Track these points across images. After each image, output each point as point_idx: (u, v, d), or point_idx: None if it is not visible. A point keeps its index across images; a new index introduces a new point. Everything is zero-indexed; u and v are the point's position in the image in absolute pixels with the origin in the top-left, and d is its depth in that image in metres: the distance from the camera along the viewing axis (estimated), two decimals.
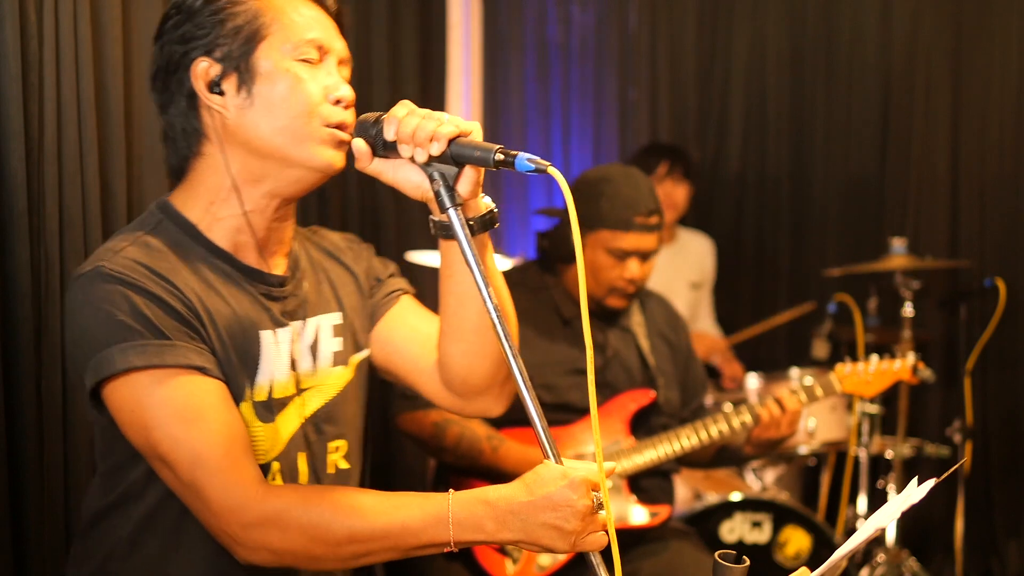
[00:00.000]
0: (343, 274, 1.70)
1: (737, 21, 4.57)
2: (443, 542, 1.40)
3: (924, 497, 1.22)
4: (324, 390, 1.62)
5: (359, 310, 1.69)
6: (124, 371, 1.39)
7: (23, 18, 1.90)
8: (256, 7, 1.48)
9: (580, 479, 1.37)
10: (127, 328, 1.39)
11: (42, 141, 1.96)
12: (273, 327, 1.54)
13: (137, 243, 1.47)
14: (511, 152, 1.33)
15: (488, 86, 4.48)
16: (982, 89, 4.29)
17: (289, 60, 1.47)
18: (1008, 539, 4.26)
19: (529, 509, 1.37)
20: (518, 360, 1.36)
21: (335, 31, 1.54)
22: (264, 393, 1.52)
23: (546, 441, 1.38)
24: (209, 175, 1.52)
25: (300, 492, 1.44)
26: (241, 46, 1.47)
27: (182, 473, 1.39)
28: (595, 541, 1.38)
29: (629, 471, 2.56)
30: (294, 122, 1.47)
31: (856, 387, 2.80)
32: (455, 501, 1.40)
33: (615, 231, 2.54)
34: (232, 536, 1.39)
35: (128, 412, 1.41)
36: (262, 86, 1.47)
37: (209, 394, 1.42)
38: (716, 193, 4.65)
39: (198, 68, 1.48)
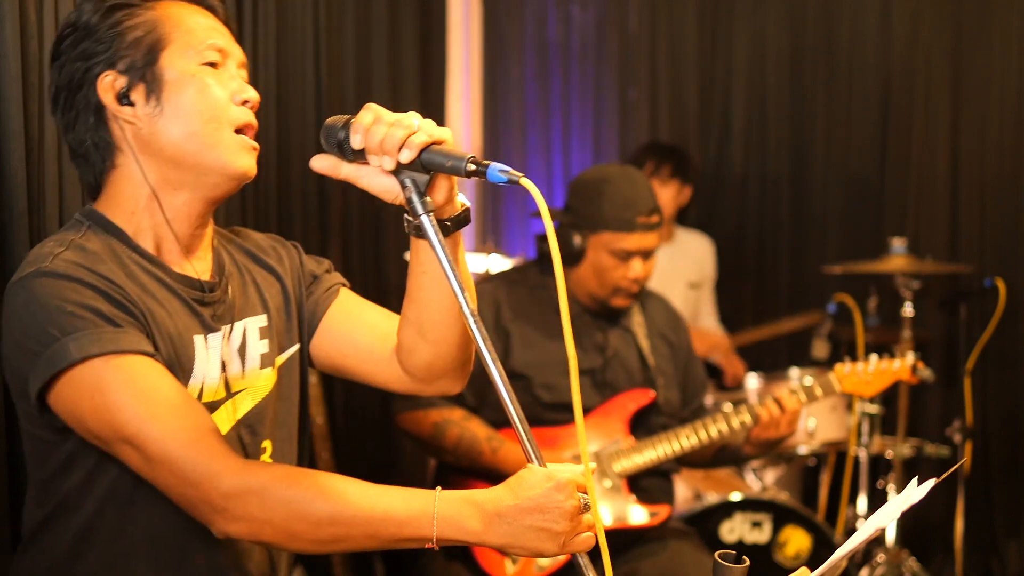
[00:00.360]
0: (267, 276, 1.69)
1: (737, 21, 4.57)
2: (425, 537, 1.38)
3: (924, 497, 1.22)
4: (254, 392, 1.61)
5: (283, 311, 1.68)
6: (80, 360, 1.36)
7: (23, 18, 1.90)
8: (153, 17, 1.49)
9: (566, 480, 1.36)
10: (79, 318, 1.37)
11: (42, 141, 1.95)
12: (204, 332, 1.54)
13: (71, 247, 1.45)
14: (483, 162, 1.33)
15: (488, 86, 4.49)
16: (982, 89, 4.29)
17: (193, 65, 1.49)
18: (1008, 539, 4.26)
19: (516, 512, 1.37)
20: (497, 364, 1.35)
21: (229, 36, 1.56)
22: (195, 396, 1.51)
23: (528, 445, 1.37)
24: (126, 185, 1.52)
25: (284, 469, 1.44)
26: (144, 56, 1.47)
27: (153, 450, 1.36)
28: (583, 542, 1.38)
29: (629, 471, 2.56)
30: (205, 126, 1.47)
31: (855, 387, 2.80)
32: (441, 499, 1.39)
33: (618, 232, 2.54)
34: (212, 504, 1.37)
35: (88, 399, 1.38)
36: (170, 93, 1.48)
37: (166, 376, 1.42)
38: (716, 193, 4.65)
39: (103, 82, 1.48)
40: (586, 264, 2.60)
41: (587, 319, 2.67)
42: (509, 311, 2.61)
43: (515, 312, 2.61)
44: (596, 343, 2.65)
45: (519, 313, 2.61)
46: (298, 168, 2.85)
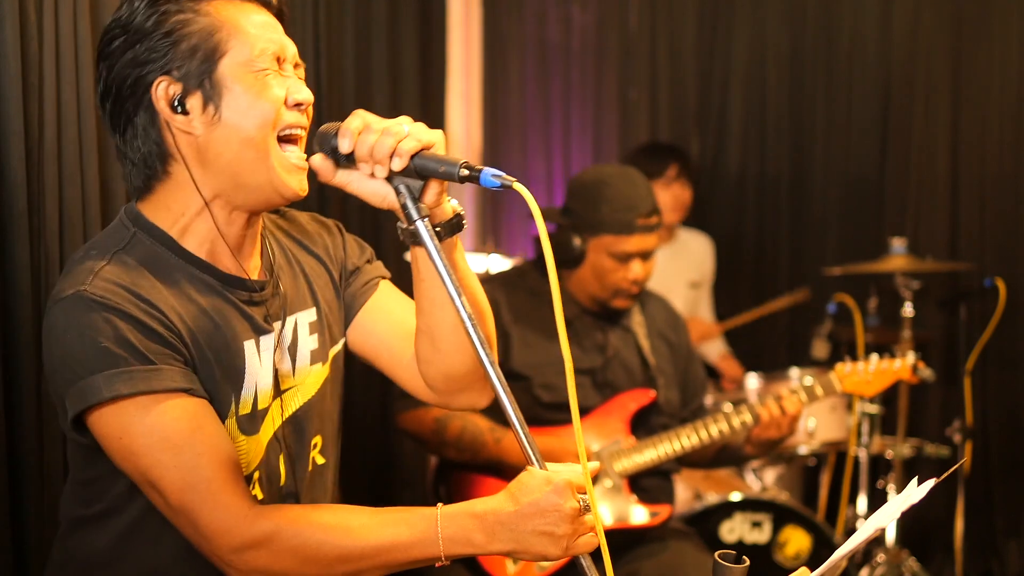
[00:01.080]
0: (316, 266, 1.68)
1: (737, 21, 4.57)
2: (434, 557, 1.40)
3: (924, 497, 1.22)
4: (304, 390, 1.61)
5: (333, 303, 1.67)
6: (111, 399, 1.37)
7: (23, 18, 1.90)
8: (208, 23, 1.45)
9: (564, 483, 1.37)
10: (112, 355, 1.37)
11: (42, 141, 1.95)
12: (255, 336, 1.53)
13: (114, 261, 1.44)
14: (476, 167, 1.32)
15: (488, 86, 4.48)
16: (982, 89, 4.29)
17: (251, 73, 1.45)
18: (1008, 539, 4.26)
19: (517, 519, 1.37)
20: (495, 368, 1.36)
21: (282, 32, 1.52)
22: (249, 405, 1.51)
23: (528, 447, 1.37)
24: (178, 193, 1.49)
25: (289, 514, 1.43)
26: (201, 64, 1.43)
27: (172, 499, 1.39)
28: (585, 543, 1.39)
29: (629, 471, 2.56)
30: (260, 131, 1.45)
31: (856, 387, 2.80)
32: (443, 516, 1.40)
33: (618, 235, 2.54)
34: (224, 559, 1.39)
35: (116, 440, 1.39)
36: (228, 100, 1.44)
37: (196, 416, 1.41)
38: (716, 193, 4.65)
39: (158, 89, 1.44)
40: (586, 266, 2.60)
41: (587, 319, 2.67)
42: (508, 312, 2.61)
43: (514, 313, 2.61)
44: (596, 343, 2.65)
45: (518, 314, 2.61)
46: None
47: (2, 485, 1.92)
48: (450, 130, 4.16)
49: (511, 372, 2.55)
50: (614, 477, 2.55)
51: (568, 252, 2.58)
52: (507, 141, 4.52)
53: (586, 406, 2.60)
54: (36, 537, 2.01)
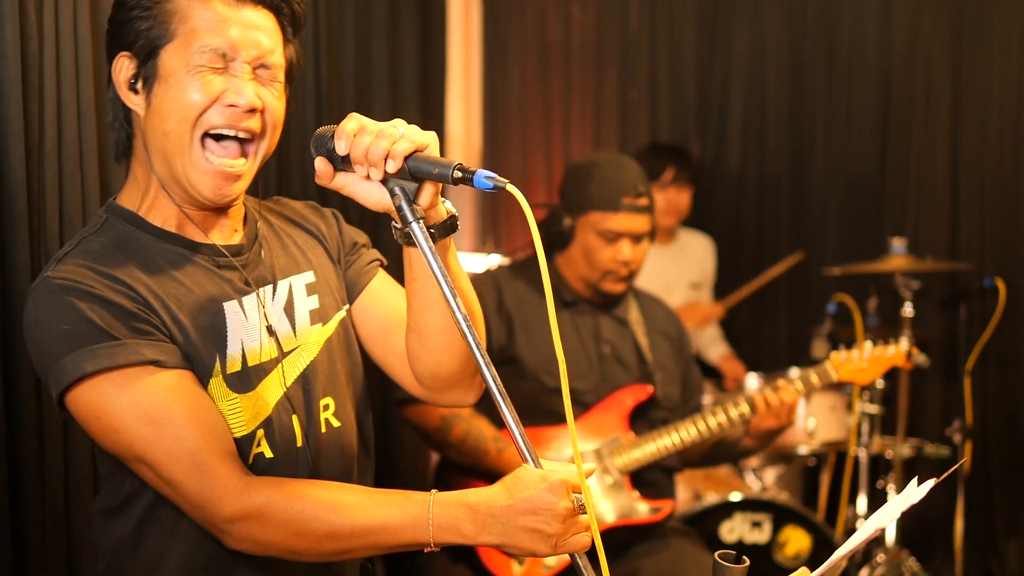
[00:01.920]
0: (308, 239, 1.70)
1: (737, 21, 4.57)
2: (423, 542, 1.41)
3: (924, 497, 1.22)
4: (307, 349, 1.61)
5: (331, 272, 1.69)
6: (79, 378, 1.39)
7: (23, 18, 1.90)
8: (170, 8, 1.46)
9: (559, 482, 1.37)
10: (74, 335, 1.39)
11: (42, 141, 1.95)
12: (237, 296, 1.54)
13: (80, 246, 1.48)
14: (470, 169, 1.33)
15: (488, 86, 4.48)
16: (982, 89, 4.29)
17: (186, 67, 1.45)
18: (1008, 539, 4.26)
19: (509, 513, 1.38)
20: (491, 368, 1.36)
21: (257, 33, 1.48)
22: (237, 363, 1.52)
23: (523, 445, 1.38)
24: (139, 170, 1.54)
25: (282, 487, 1.44)
26: (149, 45, 1.46)
27: (161, 470, 1.40)
28: (578, 543, 1.39)
29: (630, 467, 2.57)
30: (176, 127, 1.45)
31: (852, 375, 2.80)
32: (436, 503, 1.41)
33: (604, 212, 2.57)
34: (217, 527, 1.42)
35: (95, 420, 1.41)
36: (159, 88, 1.46)
37: (171, 389, 1.42)
38: (716, 193, 4.65)
39: (118, 63, 1.49)
40: (575, 246, 2.63)
41: (584, 306, 2.68)
42: (511, 298, 2.64)
43: (516, 300, 2.63)
44: (589, 329, 2.67)
45: (520, 301, 2.63)
46: (298, 168, 2.85)
47: (2, 485, 1.92)
48: (450, 130, 4.16)
49: (515, 357, 2.57)
50: (615, 473, 2.55)
51: (559, 232, 2.62)
52: (507, 141, 4.52)
53: (587, 399, 2.61)
54: (36, 537, 2.01)
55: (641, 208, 2.59)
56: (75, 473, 2.08)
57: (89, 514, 1.65)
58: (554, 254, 2.70)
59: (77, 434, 2.08)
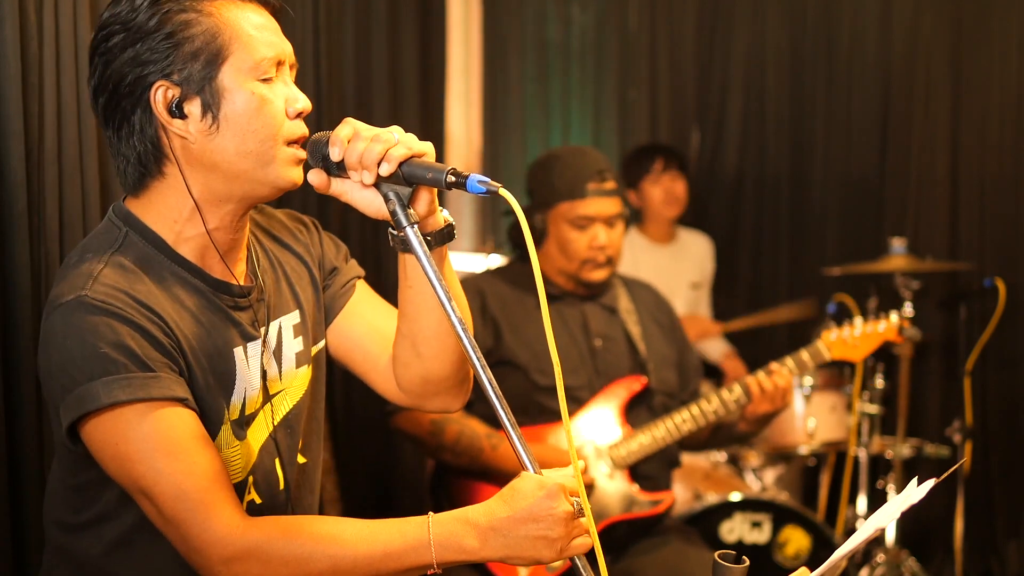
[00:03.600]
0: (297, 266, 1.67)
1: (737, 21, 4.57)
2: (426, 564, 1.40)
3: (924, 497, 1.22)
4: (292, 392, 1.61)
5: (313, 303, 1.68)
6: (109, 406, 1.36)
7: (23, 18, 1.90)
8: (211, 25, 1.41)
9: (557, 487, 1.37)
10: (111, 361, 1.36)
11: (42, 141, 1.95)
12: (243, 342, 1.53)
13: (111, 264, 1.43)
14: (463, 174, 1.33)
15: (488, 86, 4.48)
16: (982, 89, 4.29)
17: (252, 80, 1.43)
18: (1008, 539, 4.26)
19: (510, 524, 1.37)
20: (487, 372, 1.36)
21: (281, 34, 1.49)
22: (237, 411, 1.51)
23: (521, 451, 1.38)
24: (171, 195, 1.47)
25: (280, 524, 1.42)
26: (202, 69, 1.41)
27: (164, 507, 1.37)
28: (580, 545, 1.39)
29: (629, 460, 2.56)
30: (262, 145, 1.43)
31: (844, 352, 2.78)
32: (435, 523, 1.39)
33: (572, 200, 2.58)
34: (214, 571, 1.38)
35: (112, 447, 1.39)
36: (228, 109, 1.42)
37: (190, 427, 1.41)
38: (715, 193, 4.65)
39: (157, 93, 1.41)
40: (550, 241, 2.64)
41: (570, 299, 2.69)
42: (495, 300, 2.64)
43: (500, 302, 2.64)
44: (577, 320, 2.67)
45: (504, 303, 2.64)
46: None
47: (2, 485, 1.92)
48: (450, 130, 4.16)
49: (504, 360, 2.57)
50: (614, 467, 2.55)
51: (531, 230, 2.61)
52: (507, 141, 4.52)
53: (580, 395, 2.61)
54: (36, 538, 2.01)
55: (608, 191, 2.60)
56: None
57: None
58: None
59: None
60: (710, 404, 2.62)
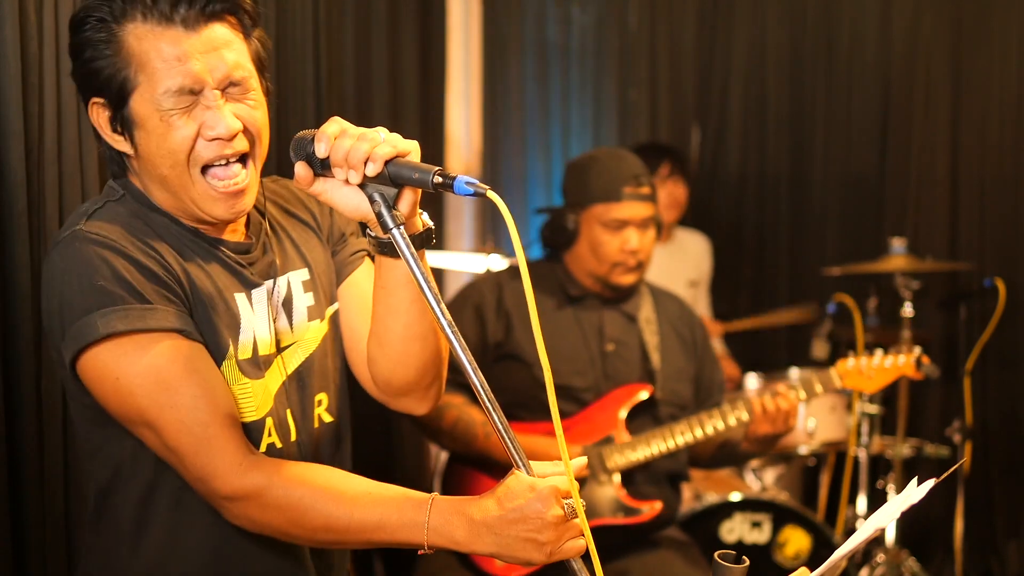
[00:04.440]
0: (303, 231, 1.70)
1: (737, 21, 4.57)
2: (417, 543, 1.41)
3: (924, 497, 1.22)
4: (304, 345, 1.63)
5: (324, 264, 1.69)
6: (106, 336, 1.38)
7: (23, 18, 1.90)
8: (122, 55, 1.42)
9: (548, 489, 1.36)
10: (108, 293, 1.39)
11: (42, 141, 1.95)
12: (246, 289, 1.56)
13: (107, 208, 1.48)
14: (450, 175, 1.31)
15: (488, 86, 4.48)
16: (982, 89, 4.29)
17: (156, 112, 1.43)
18: (1008, 539, 4.26)
19: (501, 523, 1.37)
20: (479, 375, 1.35)
21: (209, 55, 1.44)
22: (248, 351, 1.54)
23: (514, 452, 1.38)
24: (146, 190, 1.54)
25: (283, 470, 1.44)
26: (116, 95, 1.44)
27: (168, 438, 1.41)
28: (572, 548, 1.39)
29: (621, 467, 2.56)
30: (173, 170, 1.46)
31: (857, 383, 2.71)
32: (434, 507, 1.40)
33: (607, 203, 2.59)
34: (214, 501, 1.44)
35: (112, 379, 1.41)
36: (140, 136, 1.45)
37: (192, 359, 1.43)
38: (715, 193, 4.65)
39: (94, 108, 1.47)
40: (582, 242, 2.64)
41: (592, 302, 2.68)
42: (512, 295, 2.65)
43: (518, 297, 2.64)
44: (594, 325, 2.67)
45: (521, 299, 2.63)
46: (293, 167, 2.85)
47: (2, 485, 1.92)
48: (450, 130, 4.16)
49: (512, 354, 2.58)
50: (606, 473, 2.54)
51: (564, 230, 2.64)
52: (507, 141, 4.53)
53: (586, 398, 2.61)
54: (36, 537, 2.01)
55: (644, 196, 2.61)
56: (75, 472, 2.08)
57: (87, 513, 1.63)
58: (562, 253, 2.71)
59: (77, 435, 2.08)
60: (712, 421, 2.60)
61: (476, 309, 2.62)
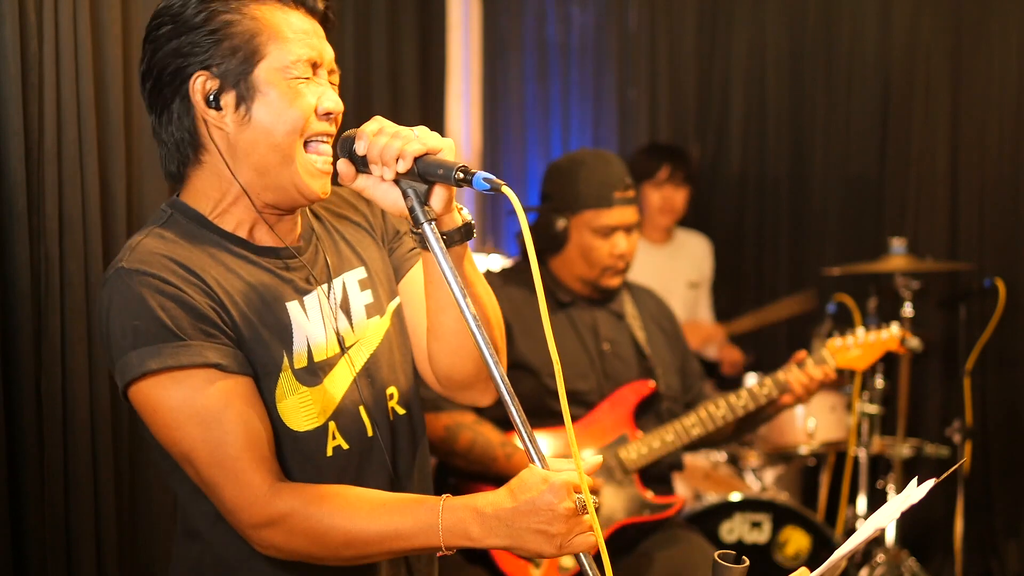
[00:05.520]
0: (356, 232, 1.73)
1: (737, 21, 4.57)
2: (434, 547, 1.44)
3: (924, 497, 1.22)
4: (367, 342, 1.65)
5: (380, 262, 1.73)
6: (142, 375, 1.44)
7: (23, 18, 1.90)
8: (252, 26, 1.50)
9: (561, 483, 1.38)
10: (142, 333, 1.43)
11: (42, 141, 1.96)
12: (298, 296, 1.58)
13: (151, 235, 1.52)
14: (471, 171, 1.37)
15: (488, 86, 4.49)
16: (982, 89, 4.29)
17: (285, 79, 1.50)
18: (1008, 539, 4.26)
19: (513, 515, 1.40)
20: (500, 368, 1.39)
21: (323, 37, 1.57)
22: (304, 359, 1.56)
23: (530, 445, 1.40)
24: (213, 180, 1.55)
25: (304, 495, 1.47)
26: (239, 65, 1.49)
27: (202, 471, 1.46)
28: (583, 542, 1.40)
29: (639, 464, 2.57)
30: (288, 138, 1.50)
31: (848, 362, 2.77)
32: (445, 508, 1.43)
33: (598, 209, 2.59)
34: (243, 532, 1.48)
35: (151, 413, 1.47)
36: (259, 103, 1.50)
37: (226, 393, 1.46)
38: (716, 193, 4.65)
39: (196, 83, 1.50)
40: (571, 246, 2.64)
41: (582, 304, 2.70)
42: (506, 303, 2.62)
43: (512, 305, 2.63)
44: (587, 324, 2.68)
45: (516, 306, 2.63)
46: None
47: (2, 485, 1.92)
48: (450, 130, 4.17)
49: (516, 363, 2.57)
50: (623, 471, 2.55)
51: (552, 235, 2.64)
52: (507, 141, 4.53)
53: (591, 399, 2.61)
54: (36, 538, 2.01)
55: (631, 200, 2.63)
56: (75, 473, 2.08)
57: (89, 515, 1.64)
58: (547, 257, 2.70)
59: (77, 433, 2.08)
60: (718, 410, 2.62)
61: None
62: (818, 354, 2.75)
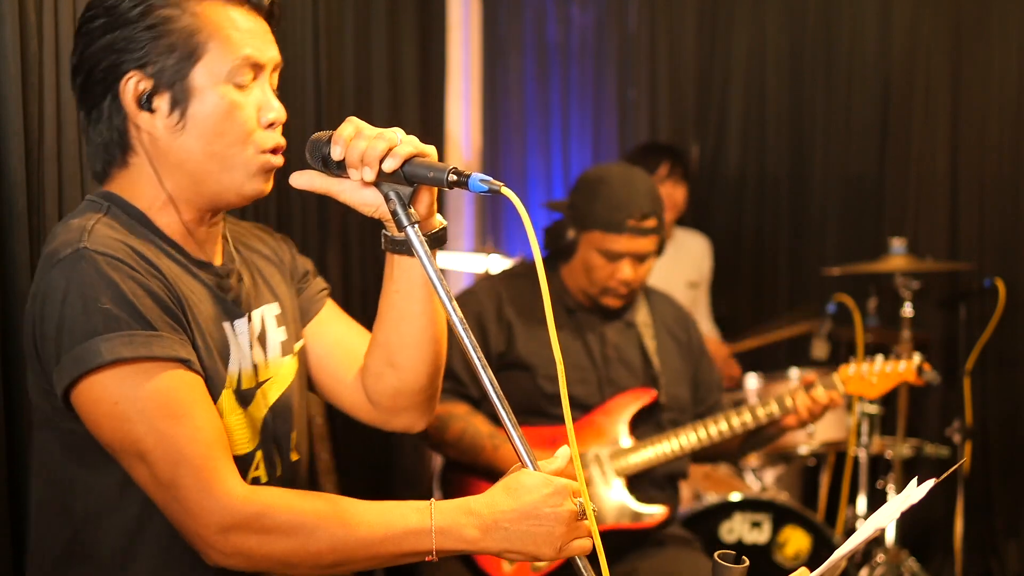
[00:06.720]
0: (268, 266, 1.67)
1: (737, 21, 4.57)
2: (425, 551, 1.37)
3: (924, 497, 1.22)
4: (279, 380, 1.60)
5: (290, 300, 1.67)
6: (111, 363, 1.32)
7: (23, 18, 1.90)
8: (192, 23, 1.41)
9: (562, 486, 1.37)
10: (114, 317, 1.33)
11: (42, 141, 1.95)
12: (230, 319, 1.52)
13: (101, 223, 1.41)
14: (465, 172, 1.32)
15: (488, 86, 4.49)
16: (982, 89, 4.29)
17: (224, 83, 1.42)
18: (1008, 539, 4.26)
19: (513, 518, 1.36)
20: (489, 373, 1.35)
21: (269, 38, 1.48)
22: (235, 381, 1.50)
23: (522, 449, 1.38)
24: (142, 183, 1.47)
25: (283, 497, 1.38)
26: (176, 64, 1.40)
27: (162, 471, 1.33)
28: (580, 546, 1.38)
29: (628, 471, 2.56)
30: (228, 150, 1.43)
31: (860, 389, 2.73)
32: (437, 511, 1.37)
33: (606, 233, 2.53)
34: (207, 540, 1.34)
35: (109, 405, 1.34)
36: (196, 109, 1.41)
37: (193, 390, 1.38)
38: (715, 193, 4.65)
39: (128, 84, 1.41)
40: (577, 259, 2.61)
41: (589, 312, 2.67)
42: (510, 303, 2.62)
43: (517, 305, 2.62)
44: (595, 334, 2.65)
45: (521, 306, 2.62)
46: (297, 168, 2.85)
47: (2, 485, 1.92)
48: (450, 130, 4.16)
49: (516, 362, 2.56)
50: (613, 477, 2.55)
51: (562, 243, 2.61)
52: (507, 141, 4.53)
53: (589, 403, 2.60)
54: None
55: (646, 230, 2.53)
56: None
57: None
58: (559, 263, 2.68)
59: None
60: (716, 425, 2.60)
61: (476, 319, 2.58)
62: (828, 379, 2.69)
